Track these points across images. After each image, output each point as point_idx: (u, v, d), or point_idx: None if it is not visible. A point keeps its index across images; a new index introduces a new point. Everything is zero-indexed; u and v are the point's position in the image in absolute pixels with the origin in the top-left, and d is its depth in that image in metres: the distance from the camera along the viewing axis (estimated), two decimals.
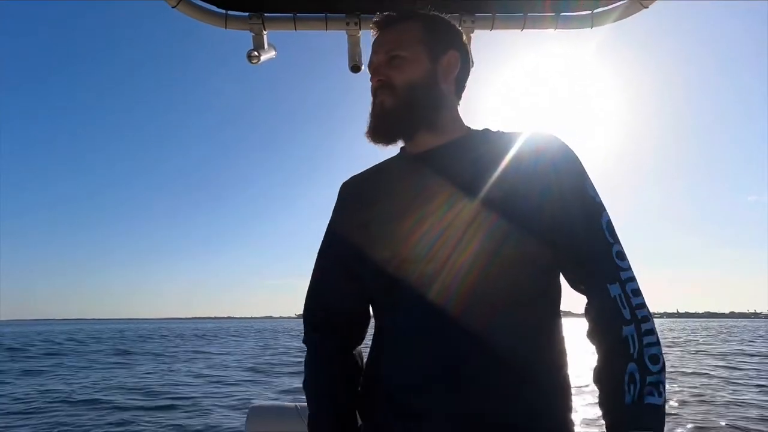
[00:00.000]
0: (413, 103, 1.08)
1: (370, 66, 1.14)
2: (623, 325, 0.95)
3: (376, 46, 1.14)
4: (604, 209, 1.04)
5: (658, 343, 0.95)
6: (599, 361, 0.98)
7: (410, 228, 1.04)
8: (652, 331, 0.96)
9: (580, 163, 1.07)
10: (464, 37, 1.18)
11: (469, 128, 1.16)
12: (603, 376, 0.96)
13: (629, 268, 1.00)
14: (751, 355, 23.39)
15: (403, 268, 1.04)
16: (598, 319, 0.99)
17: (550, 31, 1.71)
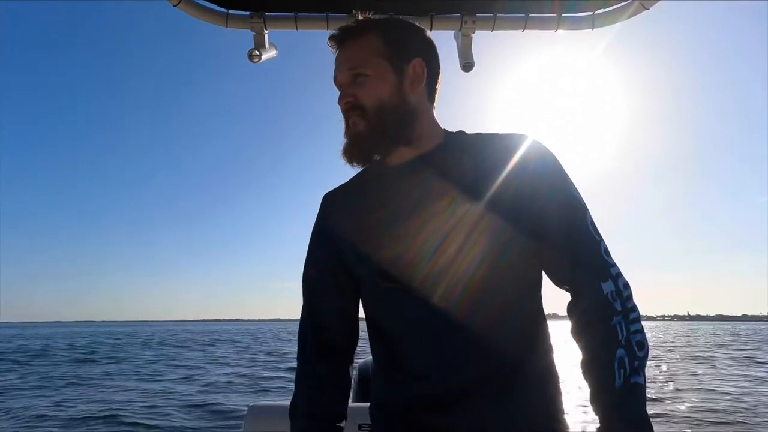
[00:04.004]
0: (385, 125, 1.06)
1: (336, 82, 1.12)
2: (613, 315, 0.98)
3: (338, 63, 1.11)
4: (587, 208, 1.06)
5: (643, 329, 1.00)
6: (589, 351, 1.00)
7: (404, 233, 1.05)
8: (637, 320, 1.00)
9: (560, 163, 1.08)
10: (428, 35, 1.15)
11: (446, 132, 1.14)
12: (594, 365, 0.99)
13: (615, 263, 1.04)
14: None
15: (400, 273, 1.05)
16: (590, 314, 1.00)
17: (551, 32, 1.71)
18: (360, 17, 1.12)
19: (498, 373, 1.01)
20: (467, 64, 1.71)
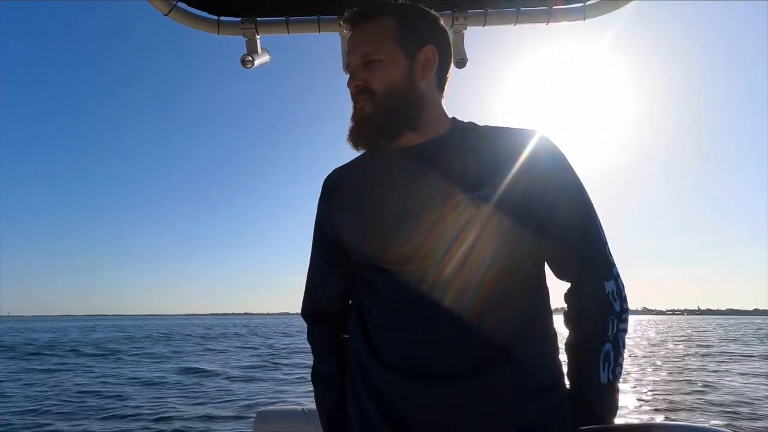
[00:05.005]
0: (393, 108, 1.06)
1: (348, 68, 1.11)
2: (611, 313, 1.05)
3: (351, 46, 1.10)
4: (594, 207, 1.09)
5: (627, 330, 1.08)
6: (578, 335, 1.07)
7: (407, 234, 1.03)
8: (627, 321, 1.08)
9: (568, 161, 1.09)
10: (441, 23, 1.14)
11: (455, 121, 1.14)
12: (580, 351, 1.06)
13: (615, 264, 1.09)
14: None
15: (406, 277, 1.03)
16: (589, 307, 1.06)
17: (543, 25, 1.70)
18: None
19: (495, 362, 0.99)
20: (460, 61, 1.71)
